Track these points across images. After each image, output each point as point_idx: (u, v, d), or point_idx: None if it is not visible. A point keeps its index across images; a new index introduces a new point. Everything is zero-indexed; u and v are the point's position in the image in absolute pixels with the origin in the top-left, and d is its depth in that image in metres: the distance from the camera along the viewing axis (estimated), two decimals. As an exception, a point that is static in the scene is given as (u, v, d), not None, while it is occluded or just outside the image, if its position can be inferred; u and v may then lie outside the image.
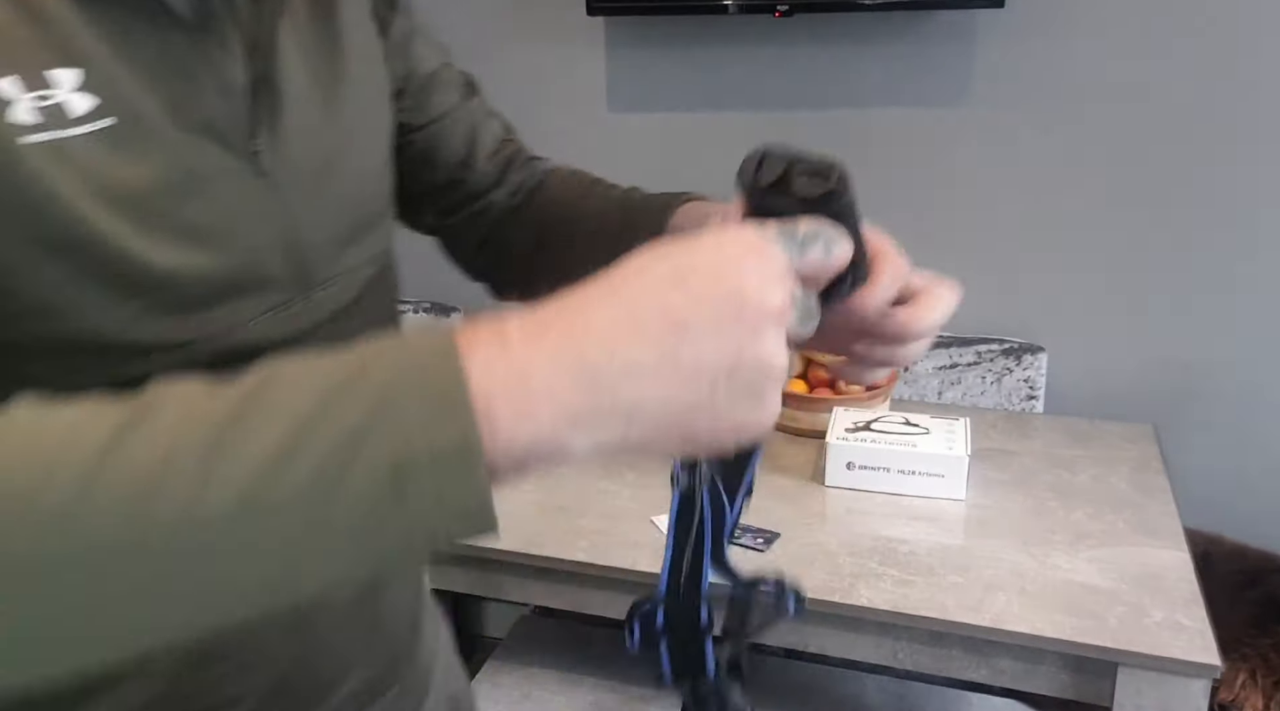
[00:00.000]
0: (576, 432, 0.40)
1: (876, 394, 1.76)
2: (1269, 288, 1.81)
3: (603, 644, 1.76)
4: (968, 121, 1.88)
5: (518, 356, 0.40)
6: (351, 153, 0.65)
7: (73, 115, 0.49)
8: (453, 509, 0.39)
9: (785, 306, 0.43)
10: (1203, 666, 1.18)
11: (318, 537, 0.37)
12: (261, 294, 0.58)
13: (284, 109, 0.59)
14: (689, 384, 0.41)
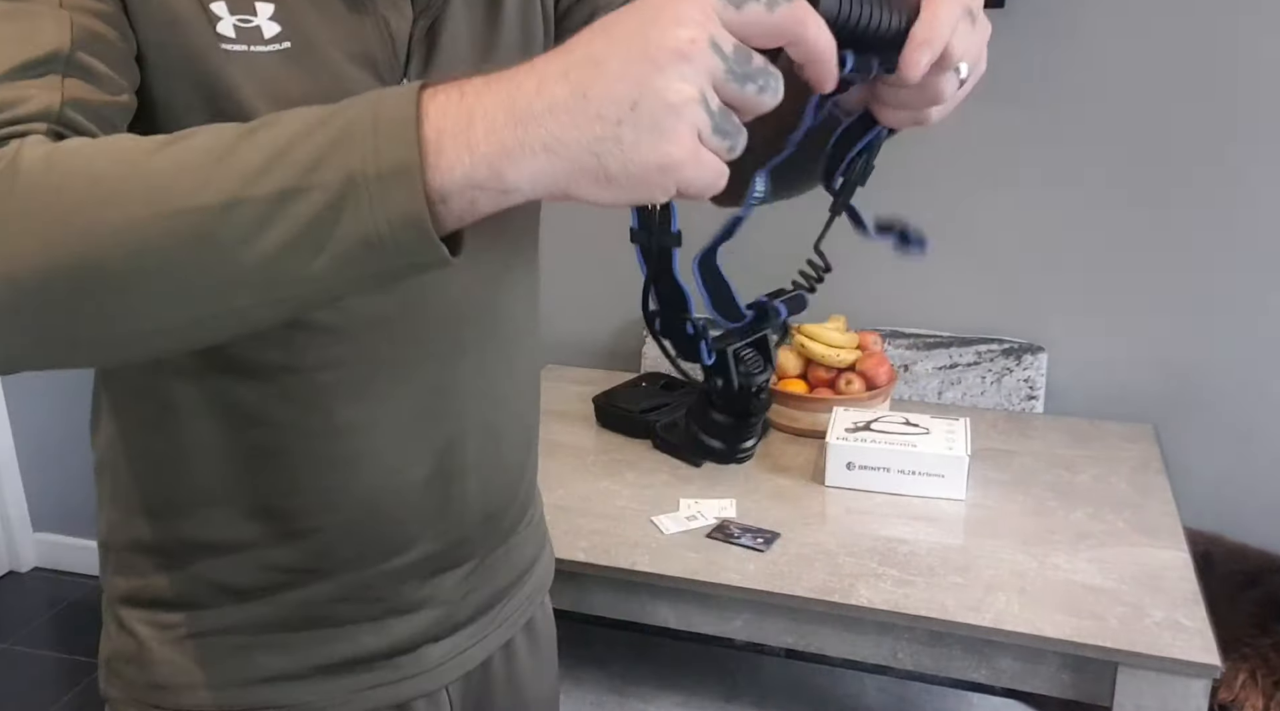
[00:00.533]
0: (510, 164, 0.47)
1: (877, 394, 1.76)
2: (1269, 288, 1.81)
3: (603, 644, 1.76)
4: (967, 120, 1.87)
5: (469, 101, 0.47)
6: None
7: (264, 37, 0.64)
8: (395, 215, 0.46)
9: (697, 47, 0.45)
10: (1203, 666, 1.17)
11: (283, 232, 0.47)
12: None
13: (437, 61, 0.72)
14: (596, 118, 0.45)
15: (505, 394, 0.84)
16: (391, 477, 0.77)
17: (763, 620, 1.37)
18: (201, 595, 0.78)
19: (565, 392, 2.00)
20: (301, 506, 0.75)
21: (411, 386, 0.76)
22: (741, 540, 1.43)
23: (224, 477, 0.74)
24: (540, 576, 0.97)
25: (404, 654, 0.82)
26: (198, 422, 0.73)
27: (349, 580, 0.78)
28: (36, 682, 2.33)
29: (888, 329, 1.99)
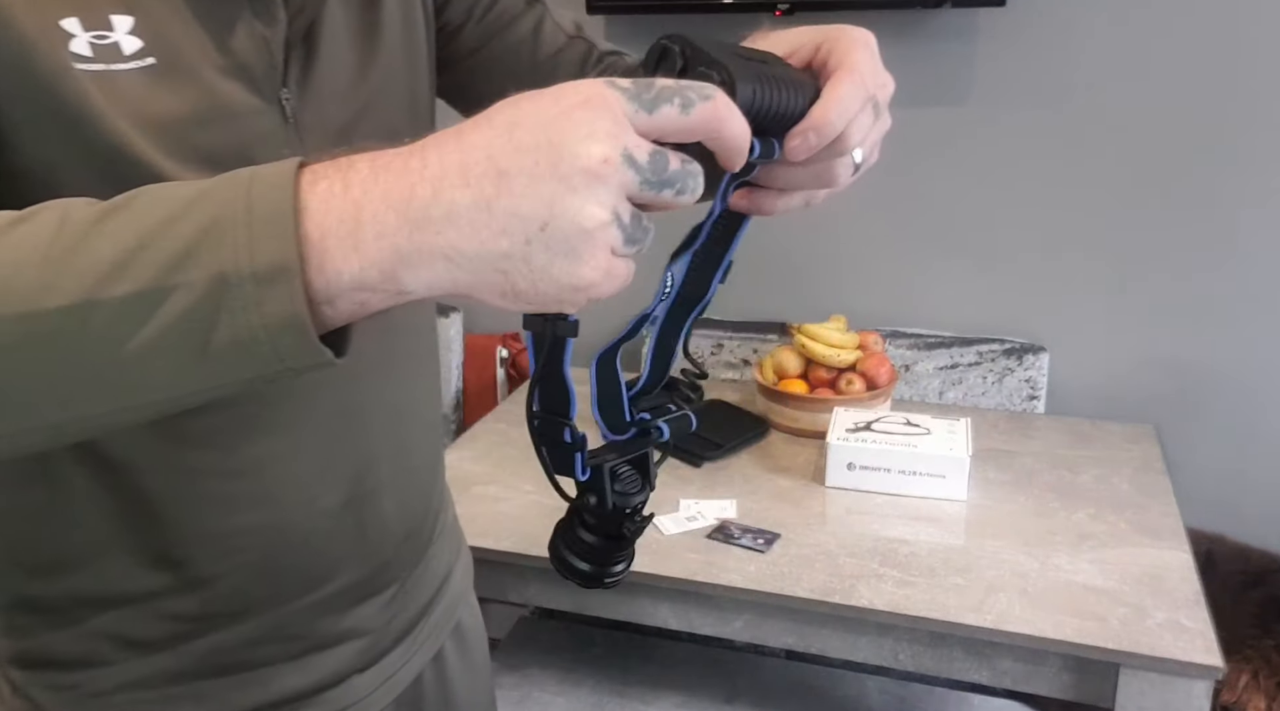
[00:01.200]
0: (405, 270, 0.43)
1: (878, 394, 1.75)
2: (1270, 288, 1.80)
3: (603, 644, 1.76)
4: (968, 121, 1.87)
5: (355, 194, 0.43)
6: (377, 112, 0.72)
7: (123, 53, 0.57)
8: (273, 320, 0.42)
9: (610, 166, 0.42)
10: (1205, 667, 1.17)
11: (146, 337, 0.43)
12: None
13: (317, 67, 0.67)
14: (501, 233, 0.42)
15: (412, 404, 0.81)
16: (301, 511, 0.72)
17: (763, 621, 1.37)
18: (102, 651, 0.71)
19: (565, 393, 2.00)
20: (203, 552, 0.70)
21: (316, 413, 0.71)
22: (742, 541, 1.43)
23: (114, 528, 0.68)
24: (460, 581, 0.93)
25: (330, 688, 0.78)
26: (76, 472, 0.66)
27: (263, 621, 0.73)
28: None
29: (888, 329, 1.99)
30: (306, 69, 0.67)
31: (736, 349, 2.05)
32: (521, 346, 2.23)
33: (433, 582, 0.87)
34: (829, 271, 2.03)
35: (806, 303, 2.06)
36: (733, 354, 2.06)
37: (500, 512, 1.53)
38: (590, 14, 1.92)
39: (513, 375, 2.19)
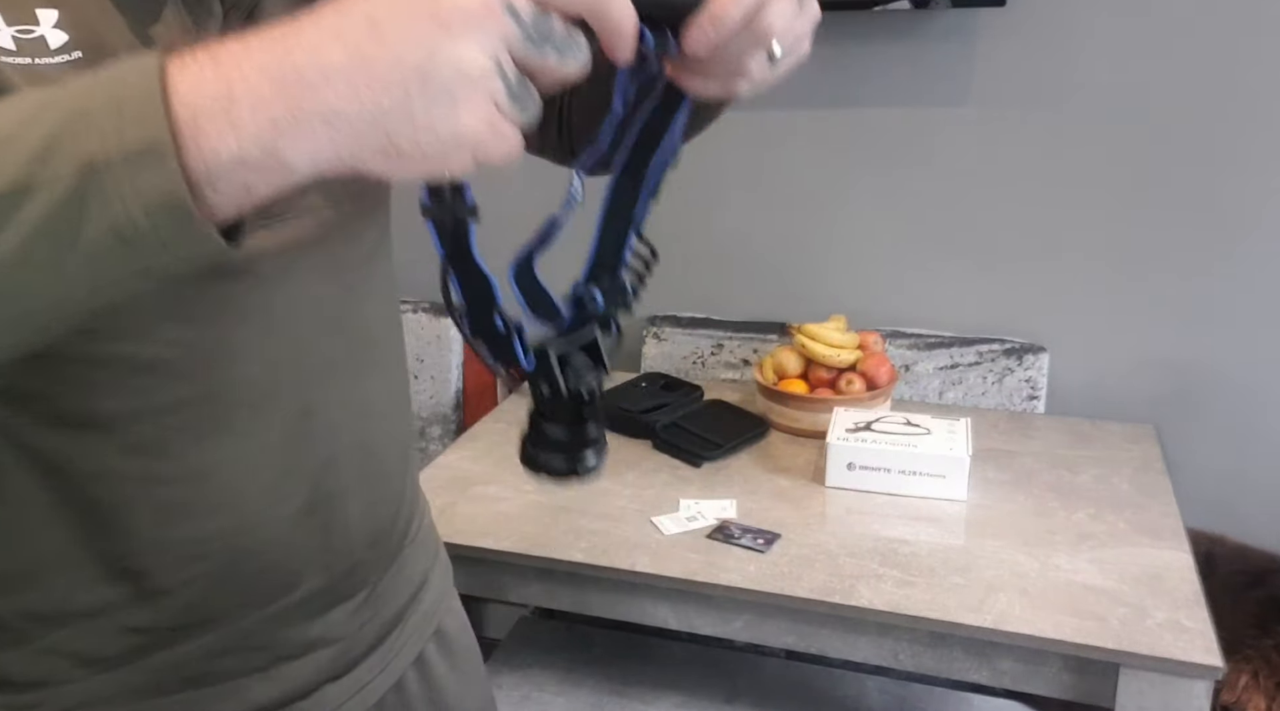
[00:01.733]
0: (284, 141, 0.42)
1: (878, 394, 1.75)
2: (1270, 288, 1.80)
3: (603, 644, 1.76)
4: (968, 121, 1.87)
5: (226, 70, 0.42)
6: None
7: (49, 47, 0.55)
8: (150, 201, 0.41)
9: (491, 11, 0.42)
10: (1205, 667, 1.17)
11: (18, 236, 0.41)
12: None
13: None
14: (381, 87, 0.41)
15: (376, 405, 0.78)
16: (261, 516, 0.69)
17: (763, 621, 1.37)
18: (59, 670, 0.68)
19: (565, 393, 2.00)
20: (161, 562, 0.67)
21: (272, 416, 0.69)
22: (742, 541, 1.43)
23: (65, 541, 0.65)
24: (438, 586, 0.91)
25: (302, 699, 0.76)
26: (21, 482, 0.63)
27: (227, 632, 0.71)
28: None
29: (888, 329, 1.99)
30: None
31: (736, 349, 2.05)
32: (521, 346, 2.22)
33: (407, 588, 0.85)
34: (829, 271, 2.03)
35: (806, 303, 2.06)
36: (733, 354, 2.06)
37: (500, 512, 1.53)
38: (590, 14, 1.92)
39: (513, 374, 2.19)
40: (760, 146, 1.99)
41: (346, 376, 0.75)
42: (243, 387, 0.67)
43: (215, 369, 0.65)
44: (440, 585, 0.92)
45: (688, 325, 2.09)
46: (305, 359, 0.70)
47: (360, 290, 0.76)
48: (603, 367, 0.59)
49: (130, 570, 0.67)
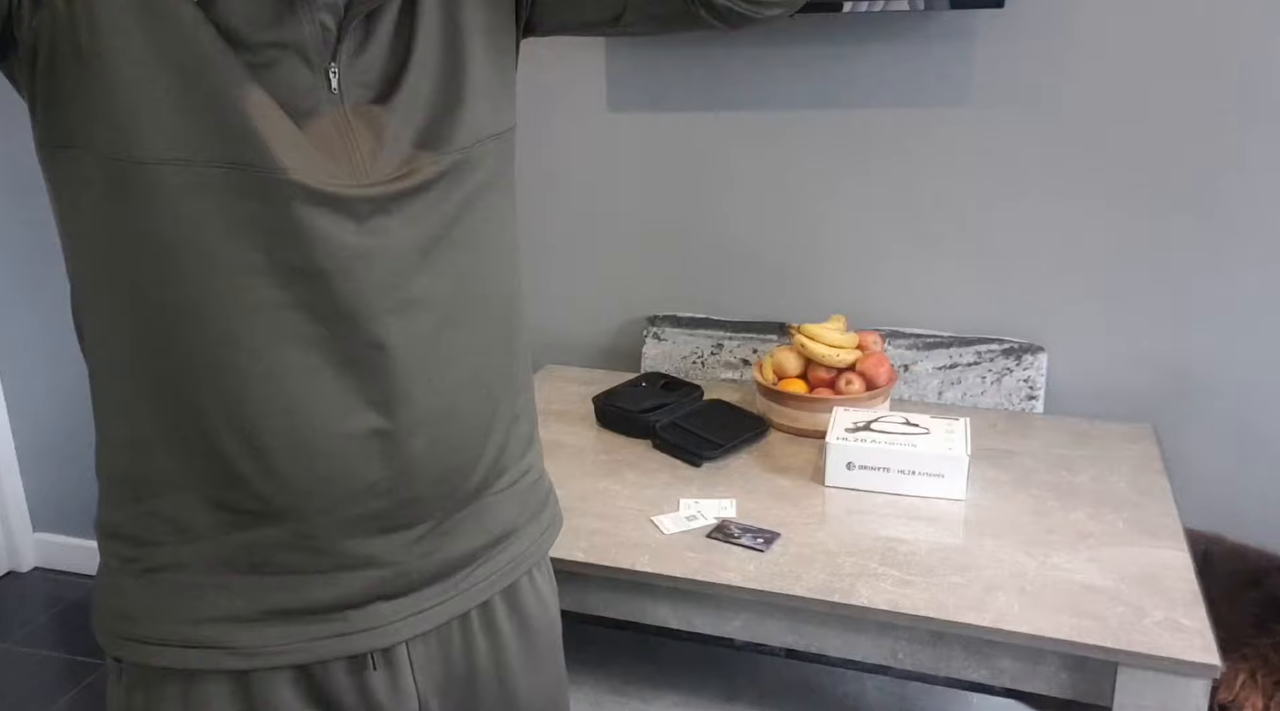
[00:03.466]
0: None
1: (877, 394, 1.76)
2: (1269, 288, 1.81)
3: (603, 644, 1.76)
4: (968, 121, 1.88)
5: None
6: (416, 91, 0.82)
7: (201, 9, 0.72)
8: None
9: None
10: (1203, 666, 1.18)
11: None
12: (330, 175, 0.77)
13: (364, 49, 0.80)
14: None
15: (460, 355, 0.84)
16: (327, 428, 0.79)
17: (763, 620, 1.37)
18: (156, 530, 0.82)
19: (565, 392, 2.00)
20: (241, 448, 0.79)
21: (346, 341, 0.79)
22: (741, 540, 1.43)
23: (167, 418, 0.79)
24: (527, 545, 0.95)
25: (354, 608, 0.84)
26: (146, 365, 0.78)
27: (293, 528, 0.81)
28: (36, 682, 2.33)
29: (888, 329, 1.99)
30: (353, 53, 0.80)
31: (736, 349, 2.06)
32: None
33: (482, 535, 0.90)
34: (829, 271, 2.03)
35: (806, 303, 2.07)
36: (733, 354, 2.06)
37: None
38: (590, 15, 1.93)
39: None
40: (760, 146, 2.00)
41: (430, 320, 0.82)
42: (323, 305, 0.77)
43: (296, 285, 0.76)
44: (529, 546, 0.96)
45: (688, 325, 2.10)
46: (387, 294, 0.79)
47: (462, 237, 0.84)
48: None
49: (215, 450, 0.79)
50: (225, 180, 0.73)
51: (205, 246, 0.74)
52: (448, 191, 0.82)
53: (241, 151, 0.73)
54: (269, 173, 0.73)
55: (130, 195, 0.73)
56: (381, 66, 0.81)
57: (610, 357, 2.22)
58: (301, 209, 0.75)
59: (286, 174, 0.74)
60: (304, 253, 0.75)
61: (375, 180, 0.78)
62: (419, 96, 0.82)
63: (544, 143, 2.13)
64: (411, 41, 0.82)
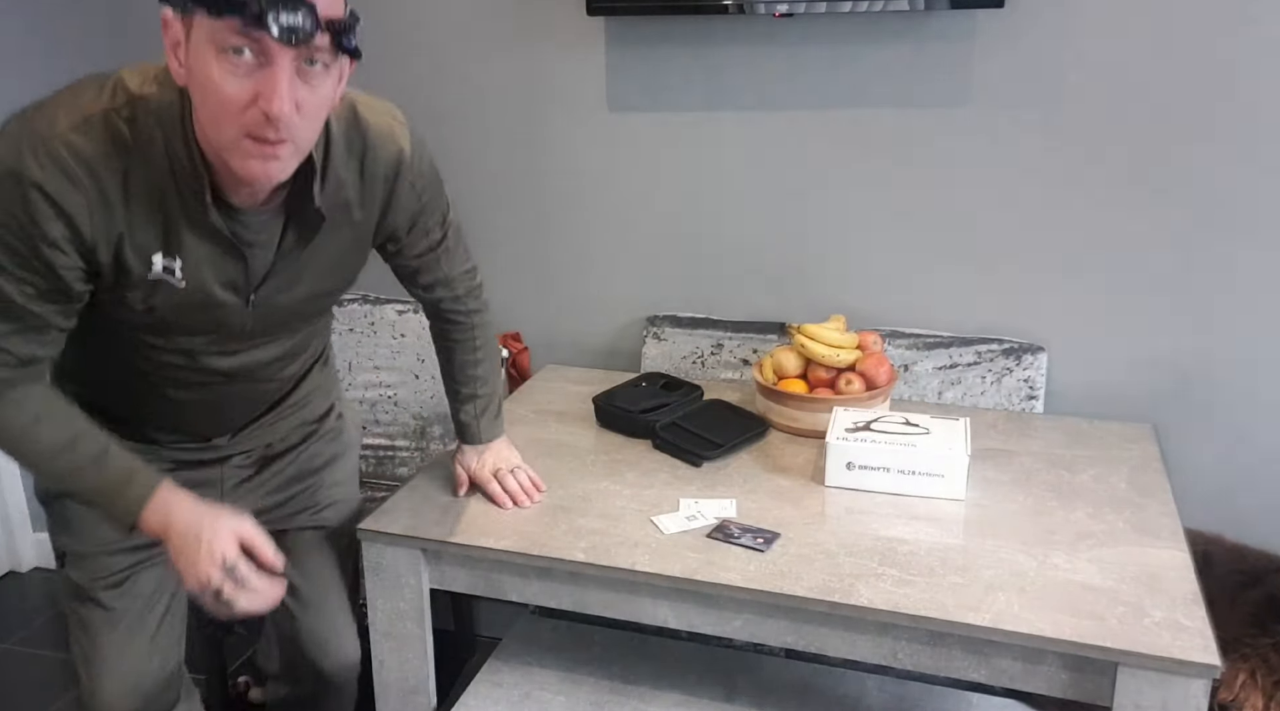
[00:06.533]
0: (166, 532, 1.26)
1: (877, 394, 1.76)
2: (1269, 287, 1.81)
3: (603, 643, 1.76)
4: (968, 121, 1.88)
5: (159, 511, 1.26)
6: (305, 301, 1.37)
7: (174, 275, 1.23)
8: (121, 522, 1.27)
9: (211, 560, 1.24)
10: (1203, 666, 1.18)
11: (86, 496, 1.28)
12: (230, 338, 1.35)
13: (276, 281, 1.31)
14: (183, 542, 1.26)
15: (275, 383, 1.49)
16: (186, 408, 1.43)
17: (763, 620, 1.37)
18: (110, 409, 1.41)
19: (565, 392, 2.00)
20: (140, 410, 1.43)
21: (209, 385, 1.40)
22: (741, 540, 1.43)
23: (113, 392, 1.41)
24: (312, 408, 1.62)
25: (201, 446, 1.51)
26: (117, 363, 1.37)
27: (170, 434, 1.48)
28: (36, 682, 2.33)
29: (888, 329, 1.99)
30: (272, 291, 1.31)
31: (736, 349, 2.06)
32: (522, 346, 2.23)
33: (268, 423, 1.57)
34: (829, 271, 2.03)
35: (806, 303, 2.07)
36: (733, 354, 2.06)
37: (500, 512, 1.53)
38: (590, 15, 1.93)
39: (512, 375, 2.20)
40: (760, 146, 2.00)
41: (259, 385, 1.47)
42: (199, 377, 1.39)
43: (191, 370, 1.38)
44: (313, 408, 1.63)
45: (688, 325, 2.10)
46: (238, 385, 1.44)
47: (291, 357, 1.48)
48: None
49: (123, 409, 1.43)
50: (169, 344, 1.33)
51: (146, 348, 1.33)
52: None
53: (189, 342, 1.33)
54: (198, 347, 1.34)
55: (120, 327, 1.30)
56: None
57: (610, 358, 2.22)
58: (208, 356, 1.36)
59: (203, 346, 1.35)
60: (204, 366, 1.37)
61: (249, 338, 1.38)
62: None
63: (544, 143, 2.13)
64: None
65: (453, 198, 1.54)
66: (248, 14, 0.99)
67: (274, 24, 0.99)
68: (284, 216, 1.25)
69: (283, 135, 1.07)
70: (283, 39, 1.00)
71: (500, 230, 2.21)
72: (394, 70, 2.17)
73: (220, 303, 1.26)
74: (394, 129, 1.32)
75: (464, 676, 2.05)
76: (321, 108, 1.11)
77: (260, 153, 1.08)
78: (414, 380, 2.15)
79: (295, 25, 1.00)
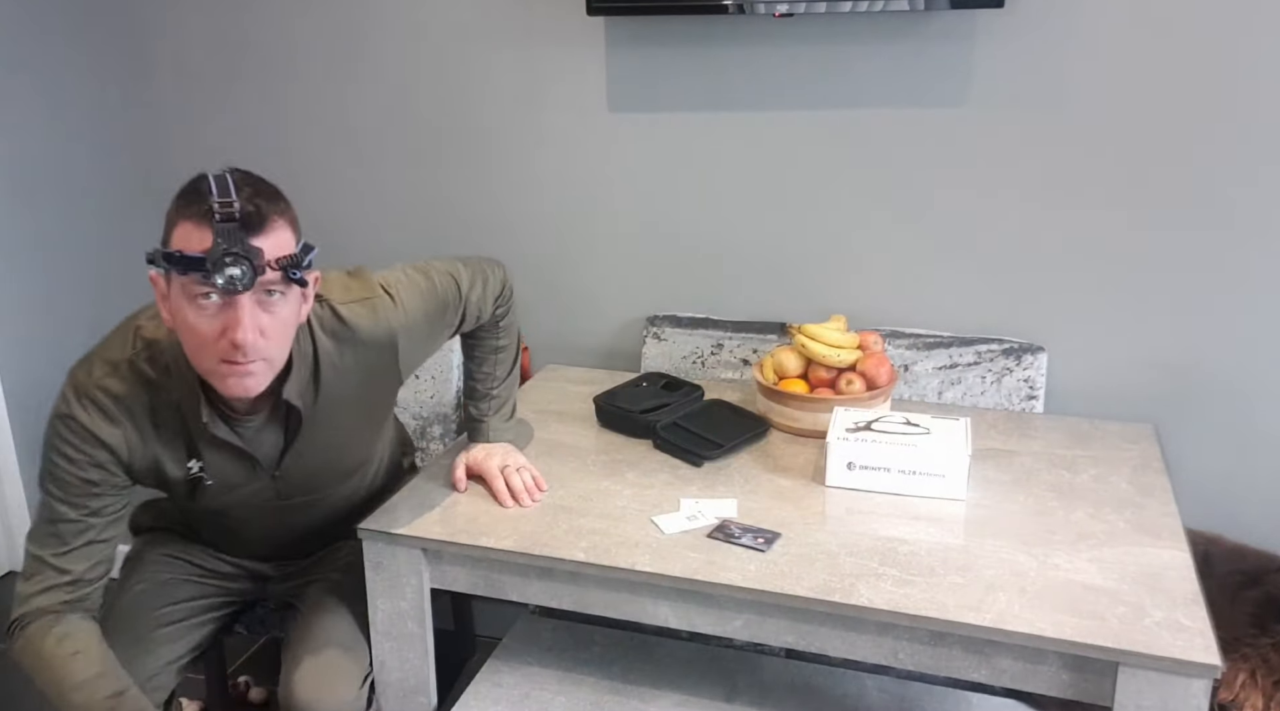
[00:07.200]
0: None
1: (877, 394, 1.76)
2: (1269, 288, 1.81)
3: (603, 643, 1.76)
4: (968, 121, 1.88)
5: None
6: (328, 471, 1.60)
7: (203, 472, 1.49)
8: None
9: None
10: (1203, 666, 1.18)
11: None
12: (265, 506, 1.60)
13: (296, 459, 1.53)
14: None
15: (335, 508, 1.70)
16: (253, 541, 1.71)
17: (763, 620, 1.37)
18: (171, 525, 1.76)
19: (565, 392, 2.00)
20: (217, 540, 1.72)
21: (266, 523, 1.65)
22: (742, 540, 1.43)
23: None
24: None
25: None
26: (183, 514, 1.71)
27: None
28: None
29: (888, 329, 1.99)
30: (291, 462, 1.53)
31: (736, 349, 2.06)
32: (522, 346, 2.23)
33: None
34: (829, 271, 2.03)
35: (806, 303, 2.07)
36: (733, 354, 2.06)
37: (500, 512, 1.53)
38: (590, 15, 1.93)
39: (513, 375, 2.19)
40: (760, 146, 2.00)
41: (312, 514, 1.69)
42: (253, 519, 1.64)
43: (235, 518, 1.64)
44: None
45: (688, 325, 2.10)
46: (286, 517, 1.66)
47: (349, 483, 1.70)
48: None
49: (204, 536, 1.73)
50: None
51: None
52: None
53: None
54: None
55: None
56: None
57: (610, 358, 2.22)
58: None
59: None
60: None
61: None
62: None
63: (544, 143, 2.13)
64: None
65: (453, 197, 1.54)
66: (203, 271, 1.22)
67: (219, 277, 1.22)
68: (282, 417, 1.48)
69: (250, 356, 1.28)
70: (226, 288, 1.23)
71: (500, 230, 2.21)
72: (394, 70, 2.17)
73: (248, 486, 1.53)
74: (377, 313, 1.50)
75: (464, 676, 2.05)
76: (286, 327, 1.33)
77: (235, 372, 1.29)
78: (414, 380, 2.15)
79: (235, 276, 1.22)
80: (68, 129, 2.43)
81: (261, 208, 1.27)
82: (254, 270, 1.24)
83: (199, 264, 1.22)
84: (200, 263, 1.22)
